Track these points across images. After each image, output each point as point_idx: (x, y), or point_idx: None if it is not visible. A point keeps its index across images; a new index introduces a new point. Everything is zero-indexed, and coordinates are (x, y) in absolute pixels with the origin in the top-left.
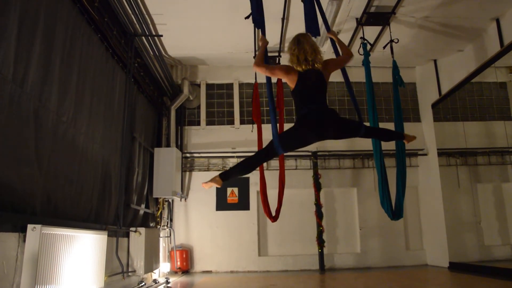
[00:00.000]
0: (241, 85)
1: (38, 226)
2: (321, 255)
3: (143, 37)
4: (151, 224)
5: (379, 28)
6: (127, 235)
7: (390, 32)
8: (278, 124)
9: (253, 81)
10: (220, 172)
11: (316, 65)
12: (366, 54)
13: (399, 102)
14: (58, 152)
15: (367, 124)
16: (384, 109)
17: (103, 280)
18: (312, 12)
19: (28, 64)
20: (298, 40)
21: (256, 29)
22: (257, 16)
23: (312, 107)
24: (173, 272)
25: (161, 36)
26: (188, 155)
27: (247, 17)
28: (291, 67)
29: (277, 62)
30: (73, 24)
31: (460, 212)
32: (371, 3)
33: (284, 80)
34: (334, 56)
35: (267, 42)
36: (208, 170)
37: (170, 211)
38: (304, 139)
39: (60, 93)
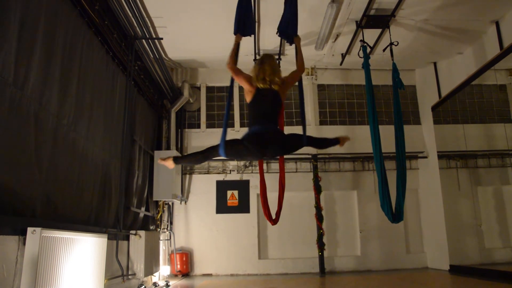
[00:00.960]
0: (241, 88)
1: (38, 229)
2: (321, 258)
3: (143, 40)
4: (151, 227)
5: (379, 31)
6: (127, 238)
7: (390, 35)
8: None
9: None
10: (176, 156)
11: (273, 86)
12: (366, 56)
13: (399, 104)
14: (58, 155)
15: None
16: (384, 112)
17: (103, 283)
18: (293, 13)
19: (28, 67)
20: (262, 60)
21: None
22: (248, 29)
23: (260, 128)
24: (173, 275)
25: (161, 39)
26: None
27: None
28: (253, 82)
29: None
30: (74, 27)
31: (460, 214)
32: (370, 6)
33: (243, 87)
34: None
35: (240, 38)
36: (208, 173)
37: (170, 214)
38: (245, 155)
39: (61, 96)
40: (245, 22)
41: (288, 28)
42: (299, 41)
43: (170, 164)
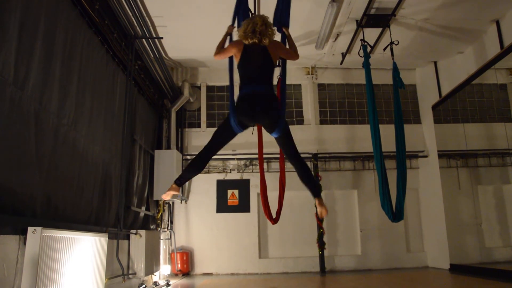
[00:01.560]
0: None
1: (38, 229)
2: (321, 257)
3: (144, 40)
4: (152, 227)
5: (379, 30)
6: (127, 237)
7: (390, 34)
8: None
9: None
10: (176, 179)
11: (263, 40)
12: (366, 56)
13: (399, 104)
14: (59, 155)
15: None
16: (385, 111)
17: (104, 282)
18: (285, 4)
19: (28, 67)
20: (252, 16)
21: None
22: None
23: (249, 89)
24: (174, 275)
25: (162, 38)
26: (188, 157)
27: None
28: (240, 41)
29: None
30: (74, 26)
31: (460, 214)
32: (371, 5)
33: (232, 54)
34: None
35: (231, 30)
36: (208, 172)
37: (171, 214)
38: (241, 119)
39: (61, 95)
40: (241, 17)
41: (280, 18)
42: (287, 29)
43: (175, 189)
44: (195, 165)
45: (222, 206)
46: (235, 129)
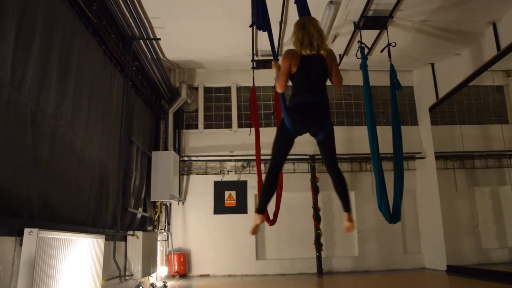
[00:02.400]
0: (238, 89)
1: (35, 230)
2: (319, 258)
3: (141, 41)
4: (149, 228)
5: (376, 31)
6: (124, 238)
7: (388, 36)
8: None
9: (250, 84)
10: (256, 207)
11: (321, 52)
12: (364, 57)
13: (396, 105)
14: (56, 156)
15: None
16: (382, 113)
17: (100, 284)
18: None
19: (25, 68)
20: (304, 24)
21: (261, 31)
22: (261, 20)
23: (307, 99)
24: (171, 276)
25: (159, 39)
26: (185, 158)
27: (251, 25)
28: (295, 52)
29: None
30: (71, 27)
31: (457, 215)
32: (368, 7)
33: (291, 68)
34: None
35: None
36: (206, 173)
37: (168, 215)
38: (295, 126)
39: (58, 96)
40: (265, 18)
41: None
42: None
43: (260, 219)
44: (270, 186)
45: (219, 208)
46: (294, 132)
